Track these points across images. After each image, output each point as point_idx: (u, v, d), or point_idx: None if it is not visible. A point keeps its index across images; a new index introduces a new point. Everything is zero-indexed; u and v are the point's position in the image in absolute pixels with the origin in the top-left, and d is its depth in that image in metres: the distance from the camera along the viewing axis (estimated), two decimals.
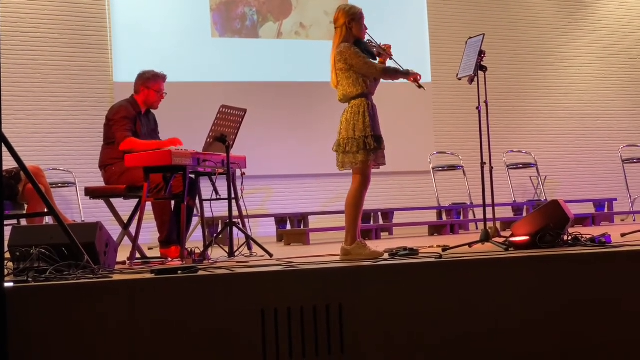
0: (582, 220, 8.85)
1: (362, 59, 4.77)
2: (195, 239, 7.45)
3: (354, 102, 4.79)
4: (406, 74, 4.90)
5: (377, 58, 4.98)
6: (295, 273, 3.90)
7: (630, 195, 10.68)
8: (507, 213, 9.97)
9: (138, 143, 5.67)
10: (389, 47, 5.00)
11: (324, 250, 5.65)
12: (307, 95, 10.18)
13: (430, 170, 10.42)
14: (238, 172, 5.91)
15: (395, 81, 5.10)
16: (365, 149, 4.69)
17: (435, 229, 8.48)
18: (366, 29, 4.94)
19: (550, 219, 4.76)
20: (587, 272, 4.06)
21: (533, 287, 3.97)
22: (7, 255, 3.97)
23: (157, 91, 5.92)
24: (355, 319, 3.74)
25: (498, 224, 6.05)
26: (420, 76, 4.90)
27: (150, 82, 5.91)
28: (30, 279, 3.62)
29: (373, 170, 4.82)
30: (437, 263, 4.08)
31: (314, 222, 9.28)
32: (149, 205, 5.57)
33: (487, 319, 3.89)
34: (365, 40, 4.96)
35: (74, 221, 6.66)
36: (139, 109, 5.91)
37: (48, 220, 6.22)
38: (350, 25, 4.86)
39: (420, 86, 4.90)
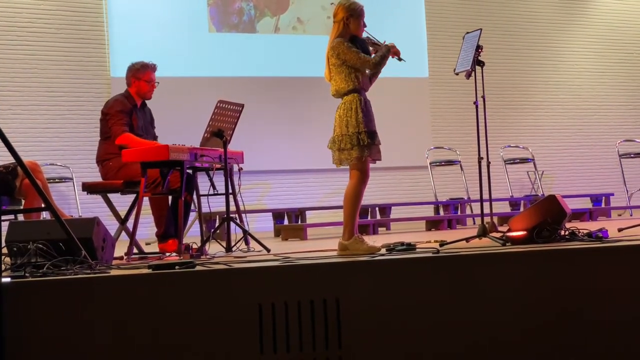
0: (579, 215, 8.86)
1: (355, 53, 4.74)
2: (192, 234, 7.45)
3: (346, 98, 4.78)
4: (388, 52, 4.91)
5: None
6: (292, 268, 3.91)
7: (627, 190, 10.70)
8: (504, 208, 9.98)
9: (134, 140, 5.67)
10: (393, 45, 4.98)
11: (322, 246, 5.65)
12: (304, 91, 10.17)
13: (427, 165, 10.43)
14: (235, 167, 5.91)
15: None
16: (359, 144, 4.68)
17: (433, 224, 8.48)
18: (365, 26, 4.92)
19: (548, 214, 4.77)
20: (584, 267, 4.07)
21: (530, 282, 3.97)
22: (4, 250, 3.97)
23: (147, 81, 5.92)
24: (352, 313, 3.74)
25: (495, 219, 6.05)
26: (397, 48, 4.94)
27: (139, 72, 5.91)
28: (27, 274, 3.62)
29: (370, 165, 4.82)
30: (435, 258, 4.09)
31: (311, 217, 9.28)
32: (146, 201, 5.57)
33: (484, 314, 3.90)
34: (364, 37, 4.94)
35: (71, 216, 6.66)
36: (134, 102, 5.91)
37: (45, 215, 6.24)
38: (348, 21, 4.83)
39: (400, 59, 4.92)
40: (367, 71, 4.86)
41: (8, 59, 8.95)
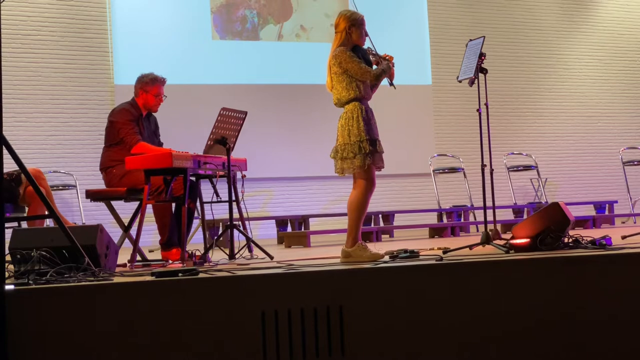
0: (582, 222, 8.85)
1: (357, 64, 4.76)
2: (195, 242, 7.45)
3: (348, 106, 4.79)
4: (389, 69, 4.92)
5: (374, 67, 4.97)
6: (295, 275, 3.90)
7: (630, 198, 10.69)
8: (507, 215, 9.98)
9: (150, 148, 5.68)
10: (391, 58, 5.00)
11: (325, 253, 5.65)
12: (307, 98, 10.18)
13: (430, 172, 10.43)
14: (239, 175, 5.91)
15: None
16: (361, 153, 4.68)
17: (436, 231, 8.48)
18: (367, 35, 4.93)
19: (551, 221, 4.76)
20: (587, 275, 4.06)
21: (533, 290, 3.97)
22: (8, 257, 3.97)
23: (155, 95, 5.92)
24: (355, 321, 3.74)
25: (499, 226, 6.04)
26: (393, 70, 4.95)
27: (148, 85, 5.90)
28: (30, 282, 3.62)
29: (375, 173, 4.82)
30: (438, 265, 4.08)
31: (314, 224, 9.29)
32: (149, 208, 5.57)
33: (488, 322, 3.89)
34: (365, 47, 4.95)
35: (75, 224, 6.67)
36: (140, 111, 5.91)
37: (49, 222, 6.24)
38: (350, 30, 4.85)
39: (391, 83, 4.94)
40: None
41: (12, 66, 8.96)
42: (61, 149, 9.29)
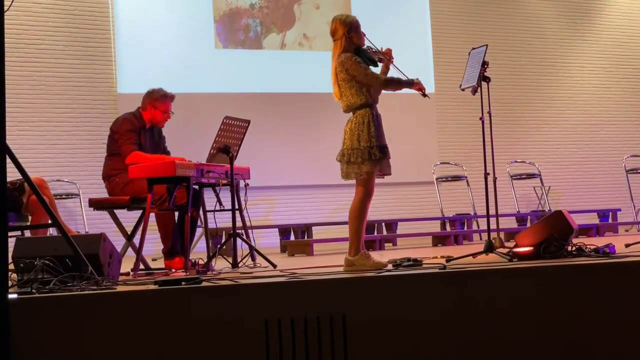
0: (586, 230, 8.85)
1: (364, 70, 4.74)
2: (198, 250, 7.44)
3: (358, 112, 4.76)
4: (410, 84, 4.90)
5: (379, 64, 4.96)
6: (298, 284, 3.90)
7: (634, 206, 10.67)
8: (511, 223, 9.96)
9: (144, 157, 5.68)
10: (390, 50, 4.99)
11: (328, 261, 5.64)
12: (310, 106, 10.19)
13: (433, 180, 10.42)
14: (242, 183, 5.92)
15: (399, 91, 5.07)
16: (370, 159, 4.66)
17: (439, 240, 8.47)
18: (364, 35, 4.92)
19: (554, 230, 4.76)
20: (591, 283, 4.05)
21: (537, 298, 3.96)
22: (11, 266, 3.97)
23: (164, 111, 5.93)
24: (358, 329, 3.73)
25: (502, 235, 6.04)
26: (422, 85, 4.91)
27: (158, 102, 5.91)
28: (34, 291, 3.63)
29: (377, 181, 4.81)
30: (441, 274, 4.08)
31: (317, 232, 9.28)
32: (152, 217, 5.57)
33: (491, 330, 3.88)
34: (365, 47, 4.94)
35: (78, 232, 6.67)
36: (143, 123, 5.92)
37: (52, 231, 6.24)
38: (350, 34, 4.83)
39: (425, 95, 4.91)
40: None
41: (16, 75, 8.98)
42: (64, 158, 9.30)
